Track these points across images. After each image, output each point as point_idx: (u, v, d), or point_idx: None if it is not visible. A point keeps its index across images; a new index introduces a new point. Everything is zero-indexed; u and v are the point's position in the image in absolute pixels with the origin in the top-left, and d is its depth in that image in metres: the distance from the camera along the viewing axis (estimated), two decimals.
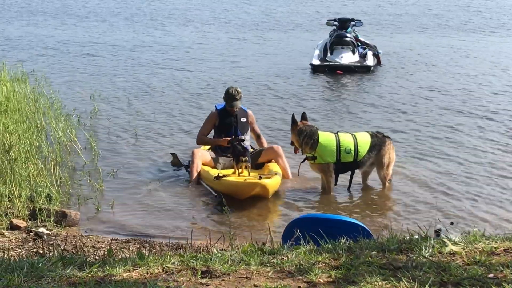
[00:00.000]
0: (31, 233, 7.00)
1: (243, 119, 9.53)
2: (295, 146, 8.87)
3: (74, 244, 6.42)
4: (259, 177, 8.44)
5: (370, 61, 16.97)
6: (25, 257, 4.62)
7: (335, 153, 8.56)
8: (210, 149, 9.61)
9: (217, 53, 19.73)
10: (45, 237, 6.89)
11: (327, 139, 8.62)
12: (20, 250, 6.35)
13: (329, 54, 17.18)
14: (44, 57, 18.91)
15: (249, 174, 8.73)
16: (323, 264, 3.92)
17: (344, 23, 17.57)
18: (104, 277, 3.78)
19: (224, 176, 8.62)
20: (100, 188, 8.71)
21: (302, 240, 4.55)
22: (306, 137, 8.60)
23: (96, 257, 4.56)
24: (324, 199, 8.57)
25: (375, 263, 3.89)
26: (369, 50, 17.27)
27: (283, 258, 4.04)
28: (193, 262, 3.98)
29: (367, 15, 26.40)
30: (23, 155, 8.34)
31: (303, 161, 8.80)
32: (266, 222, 7.41)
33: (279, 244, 4.81)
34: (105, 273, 3.84)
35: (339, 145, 8.58)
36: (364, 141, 8.68)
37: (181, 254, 4.27)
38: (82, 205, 8.15)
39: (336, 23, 17.71)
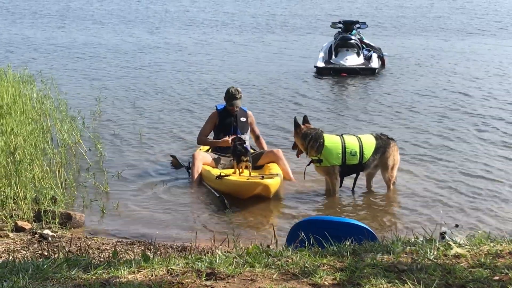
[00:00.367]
0: (36, 235, 7.01)
1: (243, 119, 9.61)
2: (298, 150, 8.85)
3: (79, 246, 6.44)
4: (262, 177, 8.46)
5: (375, 64, 16.96)
6: (30, 259, 4.63)
7: (341, 156, 8.54)
8: (210, 150, 9.65)
9: (220, 55, 19.74)
10: (50, 239, 6.90)
11: (333, 142, 8.60)
12: (25, 252, 6.36)
13: (334, 57, 17.18)
14: (47, 59, 18.95)
15: (250, 174, 8.77)
16: (328, 266, 3.92)
17: (349, 26, 17.61)
18: (109, 279, 3.78)
19: (226, 176, 8.67)
20: (105, 190, 8.72)
21: (307, 242, 4.54)
22: (312, 140, 8.58)
23: (101, 259, 4.56)
24: (329, 202, 8.57)
25: (380, 266, 3.88)
26: (374, 53, 17.25)
27: (288, 260, 4.04)
28: (198, 264, 3.98)
29: (369, 18, 26.38)
30: (28, 157, 8.36)
31: (309, 164, 8.78)
32: (271, 224, 7.41)
33: (284, 246, 4.81)
34: (110, 275, 3.85)
35: (345, 148, 8.56)
36: (369, 143, 8.67)
37: (186, 256, 4.28)
38: (87, 207, 8.16)
39: (341, 26, 17.74)
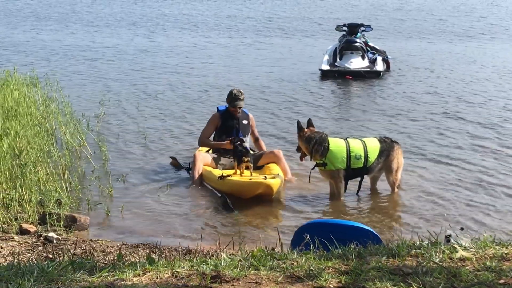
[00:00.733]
0: (41, 238, 7.02)
1: (245, 121, 9.69)
2: (302, 153, 8.85)
3: (84, 249, 6.44)
4: (264, 177, 8.53)
5: (380, 67, 16.95)
6: (35, 262, 4.62)
7: (346, 160, 8.54)
8: (211, 151, 9.70)
9: (223, 58, 19.77)
10: (55, 242, 6.90)
11: (338, 146, 8.59)
12: (30, 255, 6.36)
13: (339, 60, 17.18)
14: (50, 62, 18.99)
15: (251, 174, 8.84)
16: (333, 269, 3.92)
17: (354, 29, 17.61)
18: (114, 282, 3.78)
19: (228, 176, 8.75)
20: (110, 193, 8.72)
21: (312, 245, 4.54)
22: (316, 144, 8.56)
23: (106, 262, 4.56)
24: (334, 205, 8.56)
25: (385, 269, 3.88)
26: (379, 55, 17.26)
27: (293, 263, 4.03)
28: (203, 267, 3.97)
29: (373, 21, 26.37)
30: (33, 160, 8.37)
31: (313, 168, 8.77)
32: (276, 227, 7.40)
33: (289, 249, 4.80)
34: (115, 278, 3.85)
35: (350, 151, 8.55)
36: (374, 147, 8.66)
37: (191, 259, 4.27)
38: (92, 210, 8.17)
39: (346, 29, 17.74)
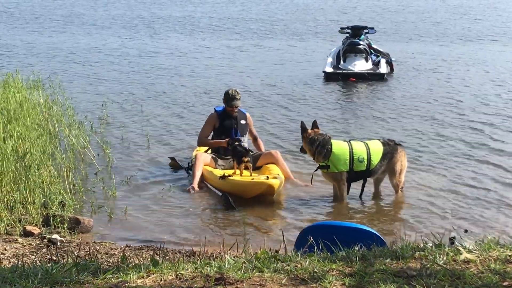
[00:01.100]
0: (45, 240, 7.02)
1: (243, 121, 9.82)
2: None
3: (88, 251, 6.44)
4: (266, 177, 8.64)
5: (383, 69, 16.95)
6: (39, 264, 4.63)
7: (348, 162, 8.52)
8: (210, 151, 9.77)
9: (226, 60, 19.80)
10: (59, 244, 6.91)
11: (341, 148, 8.57)
12: (34, 257, 6.37)
13: (342, 62, 17.18)
14: (50, 64, 19.02)
15: (251, 174, 8.95)
16: (337, 272, 3.91)
17: (357, 31, 17.61)
18: (118, 284, 3.78)
19: (230, 176, 8.87)
20: (113, 195, 8.72)
21: (316, 248, 4.53)
22: (319, 146, 8.56)
23: (110, 264, 4.56)
24: (337, 207, 8.55)
25: (389, 271, 3.87)
26: (382, 58, 17.26)
27: (297, 266, 4.03)
28: (207, 269, 3.98)
29: (375, 23, 26.38)
30: (37, 162, 8.38)
31: (316, 170, 8.77)
32: (280, 230, 7.39)
33: (293, 252, 4.80)
34: (119, 280, 3.85)
35: (352, 154, 8.53)
36: (377, 150, 8.64)
37: (195, 261, 4.27)
38: (95, 212, 8.17)
39: (349, 31, 17.74)
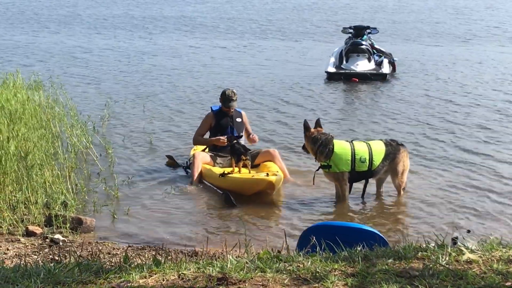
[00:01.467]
0: (47, 240, 7.03)
1: (239, 119, 9.97)
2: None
3: (90, 251, 6.45)
4: (266, 174, 8.73)
5: (386, 69, 16.94)
6: (42, 263, 4.63)
7: (350, 162, 8.50)
8: (207, 150, 9.85)
9: (228, 60, 19.80)
10: (61, 244, 6.92)
11: (342, 148, 8.55)
12: (36, 257, 6.38)
13: (345, 62, 17.17)
14: (51, 64, 19.02)
15: (250, 172, 9.05)
16: (339, 272, 3.91)
17: (360, 31, 17.61)
18: (120, 283, 3.78)
19: (229, 174, 8.97)
20: (116, 195, 8.73)
21: (318, 248, 4.53)
22: (322, 146, 8.54)
23: (112, 264, 4.57)
24: (339, 207, 8.55)
25: (392, 271, 3.87)
26: (385, 58, 17.25)
27: (299, 266, 4.03)
28: (209, 269, 3.97)
29: (376, 24, 26.38)
30: (39, 162, 8.38)
31: (317, 170, 8.76)
32: (282, 230, 7.39)
33: (295, 252, 4.80)
34: (121, 280, 3.85)
35: (354, 154, 8.51)
36: (379, 150, 8.62)
37: (197, 261, 4.27)
38: (98, 212, 8.17)
39: (352, 31, 17.73)
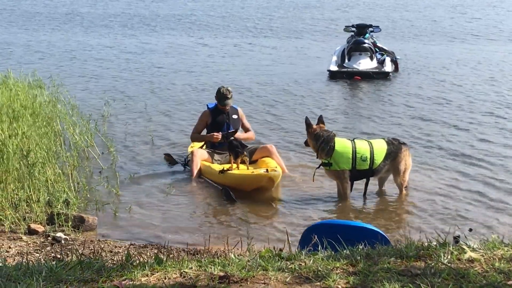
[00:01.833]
0: (49, 238, 7.04)
1: (235, 116, 10.11)
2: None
3: (92, 249, 6.45)
4: (266, 170, 8.80)
5: (388, 67, 16.93)
6: (44, 262, 4.63)
7: (351, 161, 8.49)
8: (205, 147, 9.99)
9: (231, 58, 19.80)
10: (63, 242, 6.92)
11: (343, 146, 8.54)
12: (38, 255, 6.38)
13: (347, 60, 17.16)
14: (51, 63, 19.03)
15: (248, 168, 9.11)
16: (341, 270, 3.91)
17: (362, 29, 17.58)
18: (123, 282, 3.78)
19: (229, 170, 9.06)
20: (117, 193, 8.73)
21: (320, 246, 4.53)
22: (323, 143, 8.54)
23: (114, 262, 4.56)
24: (341, 205, 8.55)
25: (393, 270, 3.87)
26: (387, 56, 17.23)
27: (301, 264, 4.02)
28: (211, 267, 3.97)
29: (379, 22, 26.37)
30: (41, 160, 8.39)
31: (318, 167, 8.76)
32: (284, 228, 7.40)
33: (297, 250, 4.80)
34: (124, 278, 3.85)
35: (355, 153, 8.50)
36: (380, 149, 8.60)
37: (199, 260, 4.27)
38: (100, 210, 8.18)
39: (354, 29, 17.71)
